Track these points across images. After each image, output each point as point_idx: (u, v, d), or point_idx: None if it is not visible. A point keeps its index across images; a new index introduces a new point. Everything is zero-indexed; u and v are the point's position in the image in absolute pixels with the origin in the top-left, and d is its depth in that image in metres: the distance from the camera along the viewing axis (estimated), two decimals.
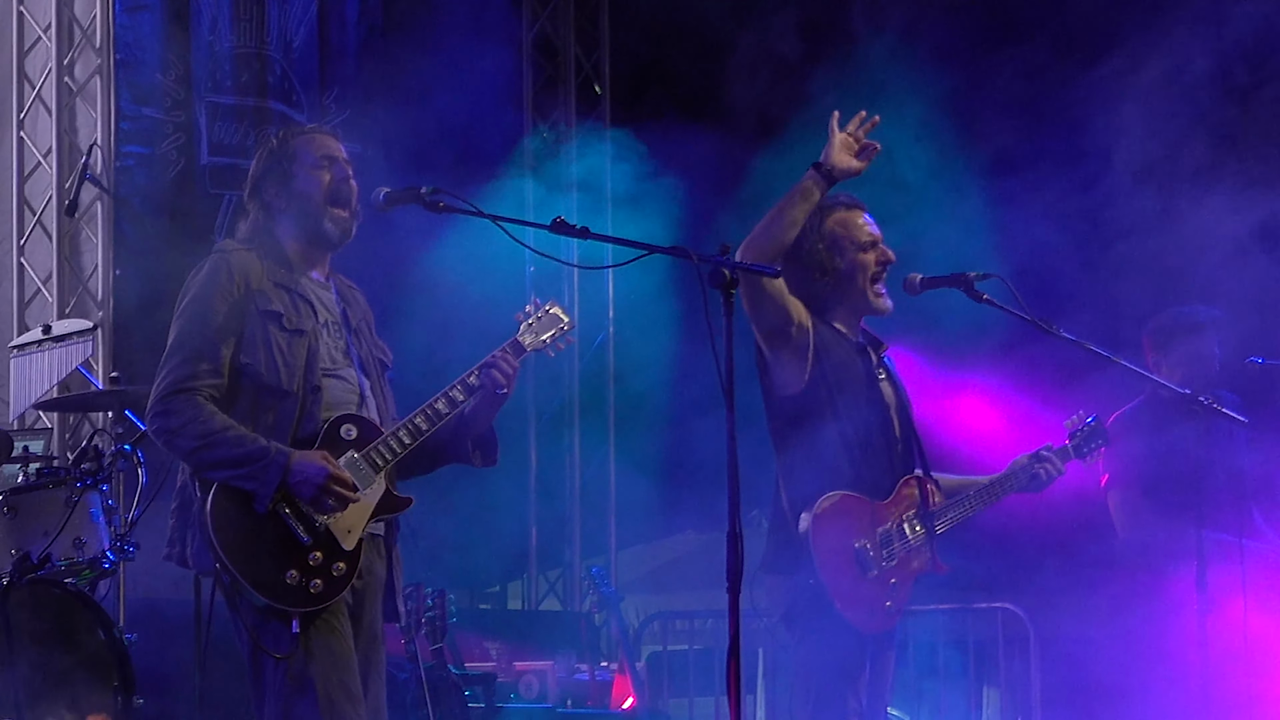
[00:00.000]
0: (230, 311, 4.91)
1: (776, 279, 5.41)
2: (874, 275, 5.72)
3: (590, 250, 10.98)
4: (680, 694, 9.98)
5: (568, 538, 11.71)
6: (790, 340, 5.57)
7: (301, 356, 4.93)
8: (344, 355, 5.06)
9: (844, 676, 5.51)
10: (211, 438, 4.81)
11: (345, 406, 5.00)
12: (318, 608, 4.83)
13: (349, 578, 4.88)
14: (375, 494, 4.96)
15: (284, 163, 5.07)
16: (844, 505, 5.52)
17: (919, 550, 5.60)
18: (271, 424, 4.90)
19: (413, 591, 7.84)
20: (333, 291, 5.14)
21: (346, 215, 5.07)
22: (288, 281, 5.01)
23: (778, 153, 9.87)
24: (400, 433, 5.01)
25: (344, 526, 4.88)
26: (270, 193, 5.08)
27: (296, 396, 4.91)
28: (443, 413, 5.04)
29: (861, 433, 5.60)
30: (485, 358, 5.11)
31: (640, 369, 11.21)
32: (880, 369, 5.75)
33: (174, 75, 9.73)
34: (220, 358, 4.89)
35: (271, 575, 4.79)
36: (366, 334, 5.19)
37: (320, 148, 5.09)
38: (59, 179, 9.46)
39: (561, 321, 5.27)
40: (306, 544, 4.83)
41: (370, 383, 5.10)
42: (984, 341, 7.64)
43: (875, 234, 5.76)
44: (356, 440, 4.96)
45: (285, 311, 4.95)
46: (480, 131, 10.74)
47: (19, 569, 6.77)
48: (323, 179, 5.04)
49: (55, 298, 9.42)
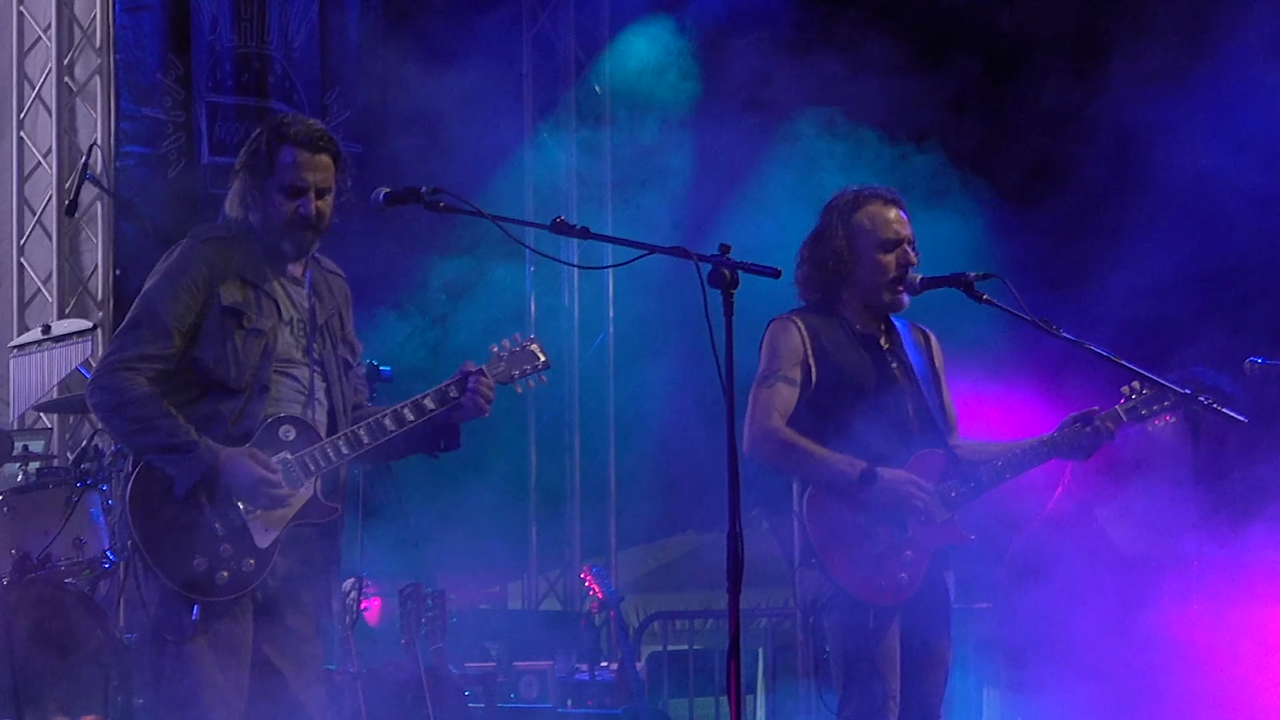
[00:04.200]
0: (191, 301, 4.94)
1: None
2: (893, 278, 5.70)
3: (590, 250, 10.99)
4: (680, 694, 9.99)
5: (568, 538, 11.70)
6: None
7: (255, 355, 4.95)
8: (302, 354, 5.06)
9: (867, 655, 5.48)
10: (146, 422, 4.86)
11: (290, 406, 5.01)
12: (220, 599, 4.87)
13: (257, 575, 4.91)
14: (301, 499, 4.97)
15: (261, 168, 5.05)
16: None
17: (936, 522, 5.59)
18: (210, 416, 4.92)
19: (413, 591, 7.84)
20: (306, 285, 5.13)
21: (309, 236, 5.07)
22: (256, 277, 5.03)
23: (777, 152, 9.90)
24: (340, 442, 5.03)
25: (262, 524, 4.92)
26: (246, 185, 5.09)
27: (243, 394, 4.94)
28: (389, 429, 5.06)
29: (871, 417, 5.60)
30: (461, 378, 5.10)
31: (640, 369, 11.20)
32: (893, 357, 5.74)
33: (174, 75, 9.73)
34: (172, 344, 4.92)
35: (180, 561, 4.84)
36: (336, 328, 5.18)
37: (295, 174, 5.03)
38: (59, 179, 9.45)
39: (537, 360, 5.25)
40: (219, 535, 4.88)
41: (328, 384, 5.10)
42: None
43: (902, 233, 5.72)
44: (293, 443, 4.98)
45: (246, 310, 4.97)
46: (481, 131, 10.74)
47: (19, 569, 6.77)
48: (287, 210, 5.03)
49: (55, 298, 9.42)
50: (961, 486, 5.64)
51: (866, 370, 5.68)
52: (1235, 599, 6.51)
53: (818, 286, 5.75)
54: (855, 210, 5.73)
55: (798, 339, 5.65)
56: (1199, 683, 6.51)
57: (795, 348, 5.65)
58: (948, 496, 5.63)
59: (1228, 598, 6.44)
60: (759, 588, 10.37)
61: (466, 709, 8.13)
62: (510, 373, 5.21)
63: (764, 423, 5.58)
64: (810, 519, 5.55)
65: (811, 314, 5.73)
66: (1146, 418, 5.83)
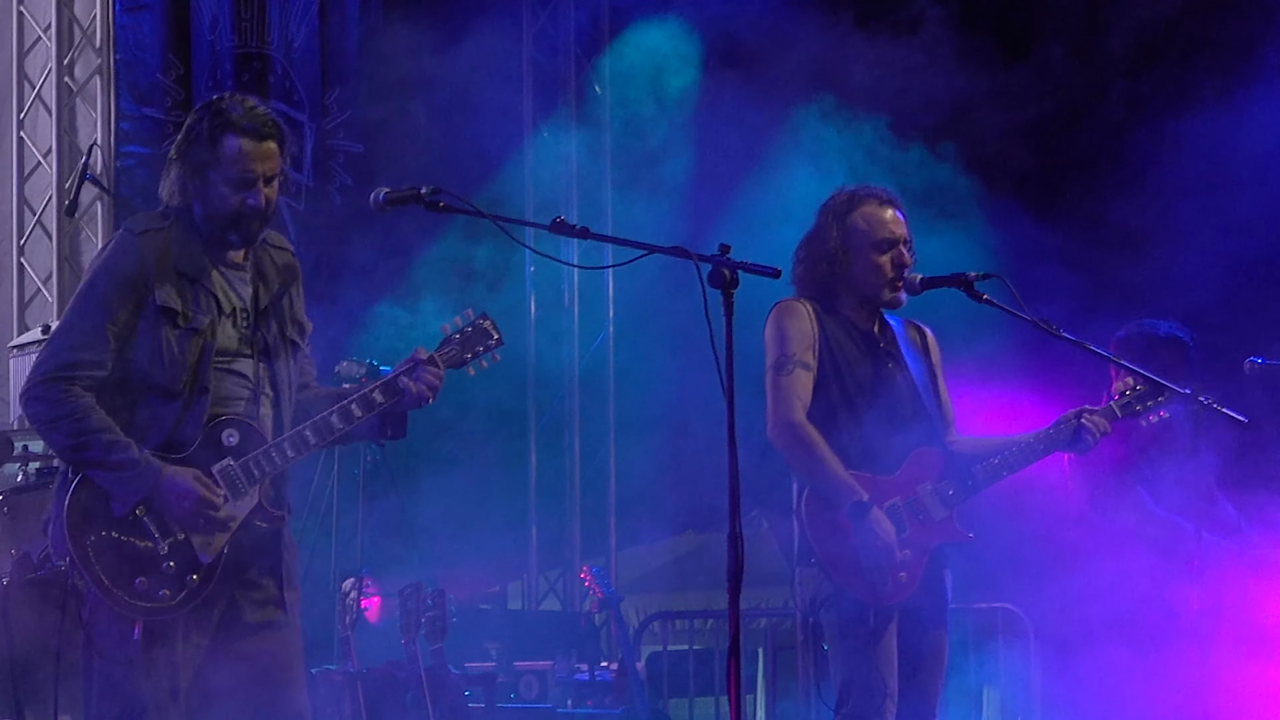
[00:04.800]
0: (124, 302, 4.75)
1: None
2: (889, 279, 5.70)
3: (590, 250, 10.99)
4: (680, 694, 9.98)
5: (568, 538, 11.71)
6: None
7: (193, 356, 4.76)
8: (246, 345, 4.86)
9: (866, 654, 5.48)
10: (85, 437, 4.69)
11: (235, 404, 4.82)
12: (162, 617, 4.70)
13: (202, 590, 4.73)
14: (246, 506, 4.80)
15: (204, 158, 4.82)
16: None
17: (934, 520, 5.60)
18: (150, 422, 4.75)
19: (413, 591, 7.84)
20: (248, 269, 4.92)
21: (257, 226, 4.87)
22: (194, 270, 4.83)
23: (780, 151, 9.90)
24: (285, 444, 4.84)
25: (204, 538, 4.74)
26: (186, 174, 4.87)
27: (182, 397, 4.75)
28: (336, 428, 4.88)
29: (870, 415, 5.60)
30: (409, 367, 4.91)
31: (640, 368, 11.21)
32: (890, 356, 5.74)
33: (174, 75, 9.73)
34: (107, 349, 4.73)
35: (120, 579, 4.68)
36: (285, 310, 4.97)
37: (243, 164, 4.80)
38: (59, 179, 9.46)
39: (490, 338, 5.04)
40: (161, 552, 4.71)
41: (273, 373, 4.90)
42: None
43: (898, 234, 5.71)
44: (236, 447, 4.79)
45: (181, 308, 4.77)
46: (481, 131, 10.74)
47: (19, 569, 6.77)
48: (234, 201, 4.82)
49: (55, 298, 9.42)
50: (959, 485, 5.64)
51: (864, 367, 5.68)
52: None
53: (814, 285, 5.75)
54: (851, 210, 5.72)
55: (807, 322, 5.65)
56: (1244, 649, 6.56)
57: (806, 330, 5.64)
58: (945, 495, 5.63)
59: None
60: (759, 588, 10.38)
61: (466, 709, 8.13)
62: (463, 355, 5.01)
63: (788, 414, 5.57)
64: (809, 518, 5.55)
65: (816, 301, 5.73)
66: (1141, 413, 5.86)
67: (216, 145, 4.80)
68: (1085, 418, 5.73)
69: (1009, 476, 5.73)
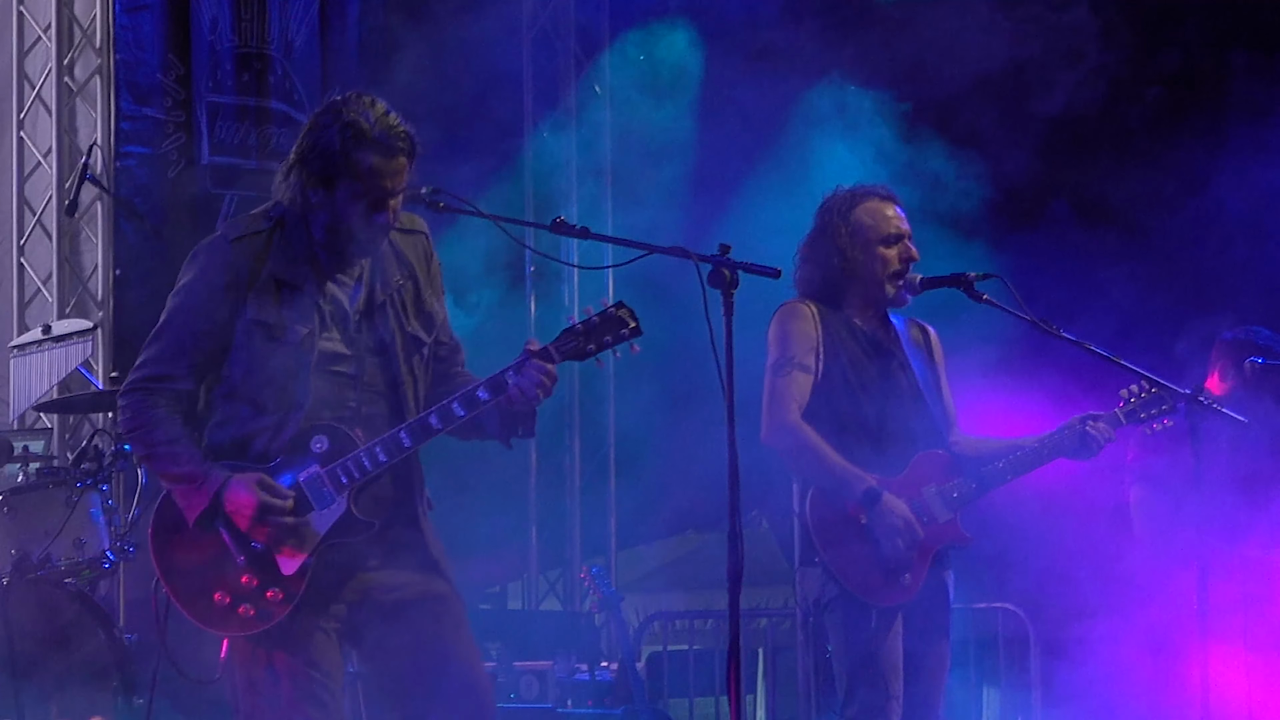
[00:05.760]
0: (214, 313, 4.57)
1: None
2: (895, 272, 5.71)
3: (590, 250, 10.99)
4: (680, 694, 9.98)
5: (568, 538, 11.70)
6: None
7: (287, 368, 4.56)
8: (355, 346, 4.63)
9: (871, 655, 5.49)
10: (156, 449, 4.56)
11: (338, 407, 4.60)
12: (246, 633, 4.52)
13: (285, 606, 4.51)
14: (331, 516, 4.56)
15: (333, 169, 4.57)
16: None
17: (939, 522, 5.60)
18: (241, 435, 4.59)
19: None
20: (363, 268, 4.67)
21: (380, 239, 4.67)
22: (294, 278, 4.60)
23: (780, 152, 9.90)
24: (377, 449, 4.58)
25: (285, 550, 4.54)
26: (309, 180, 4.60)
27: (273, 410, 4.57)
28: (434, 429, 4.60)
29: (875, 418, 5.61)
30: (518, 362, 4.61)
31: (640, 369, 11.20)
32: (894, 356, 5.74)
33: (174, 75, 9.73)
34: (195, 361, 4.57)
35: (200, 594, 4.53)
36: (407, 299, 4.71)
37: (373, 181, 4.55)
38: (59, 179, 9.45)
39: (625, 326, 4.65)
40: (240, 564, 4.53)
41: (391, 366, 4.65)
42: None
43: (902, 228, 5.73)
44: (325, 454, 4.57)
45: (276, 320, 4.57)
46: (481, 131, 10.74)
47: (19, 569, 6.77)
48: (360, 218, 4.58)
49: (55, 298, 9.41)
50: (964, 487, 5.65)
51: (868, 368, 5.69)
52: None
53: (819, 285, 5.75)
54: (854, 207, 5.74)
55: (811, 324, 5.65)
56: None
57: (809, 332, 5.64)
58: (950, 497, 5.63)
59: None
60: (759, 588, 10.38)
61: None
62: (586, 346, 4.63)
63: (783, 415, 5.57)
64: (814, 519, 5.55)
65: (819, 303, 5.73)
66: (1145, 420, 5.84)
67: (348, 159, 4.54)
68: (1090, 425, 5.72)
69: (1013, 481, 5.73)
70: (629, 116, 11.49)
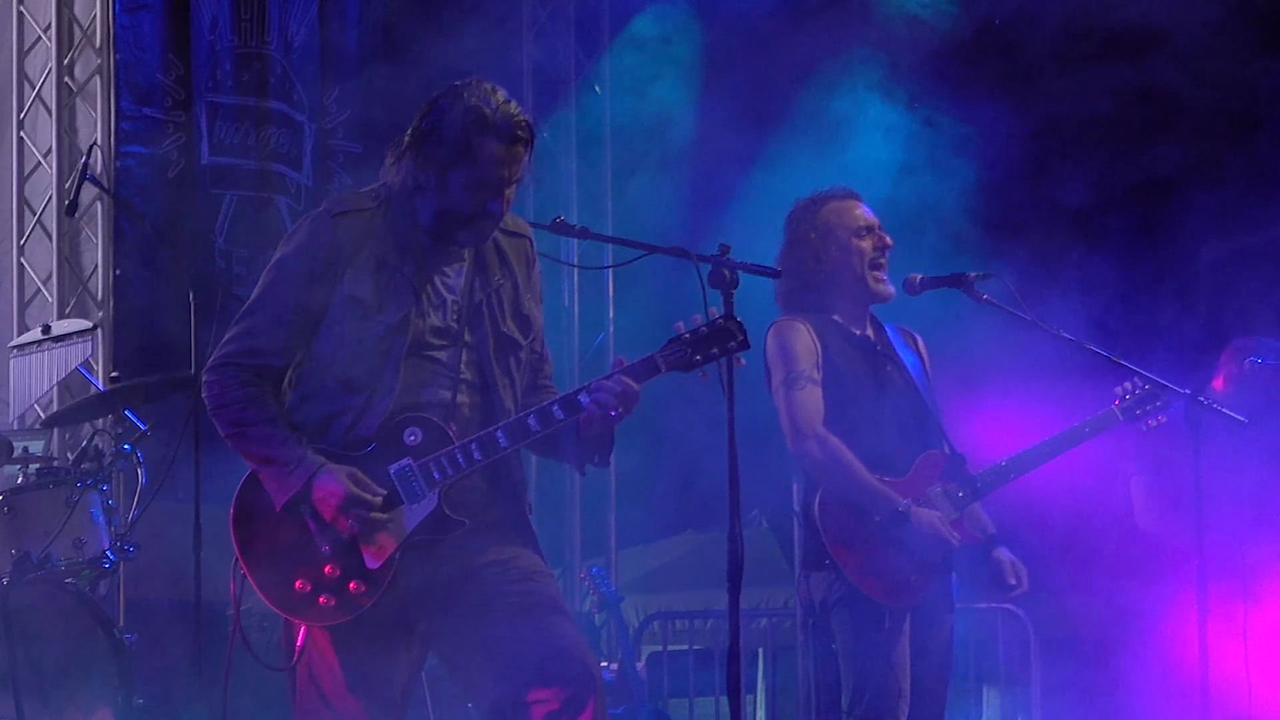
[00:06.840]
0: (311, 288, 4.45)
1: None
2: (872, 260, 5.74)
3: (590, 250, 10.99)
4: (680, 694, 9.98)
5: (568, 538, 11.71)
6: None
7: (380, 350, 4.45)
8: (451, 336, 4.53)
9: (881, 655, 5.51)
10: (244, 427, 4.43)
11: (427, 400, 4.49)
12: (324, 624, 4.42)
13: (368, 599, 4.41)
14: (421, 511, 4.46)
15: (452, 156, 4.47)
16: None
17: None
18: (329, 417, 4.47)
19: None
20: (466, 258, 4.60)
21: (490, 229, 4.61)
22: (396, 259, 4.50)
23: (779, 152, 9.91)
24: (472, 446, 4.46)
25: (372, 543, 4.42)
26: (424, 164, 4.51)
27: (364, 392, 4.44)
28: (532, 429, 4.47)
29: (875, 420, 5.62)
30: (605, 379, 4.56)
31: None
32: (888, 359, 5.75)
33: (174, 75, 9.73)
34: (286, 337, 4.46)
35: (279, 579, 4.41)
36: (506, 299, 4.64)
37: (492, 170, 4.49)
38: (59, 179, 9.45)
39: (733, 339, 4.51)
40: (324, 553, 4.42)
41: (485, 362, 4.56)
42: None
43: (871, 220, 5.78)
44: (418, 447, 4.45)
45: (371, 298, 4.45)
46: None
47: (19, 569, 6.77)
48: (473, 205, 4.51)
49: (55, 298, 9.41)
50: (968, 486, 5.66)
51: (865, 374, 5.70)
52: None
53: (801, 295, 5.77)
54: (819, 210, 5.79)
55: (809, 338, 5.68)
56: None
57: (809, 346, 5.67)
58: (955, 496, 5.65)
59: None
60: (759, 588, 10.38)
61: (467, 709, 8.13)
62: (692, 357, 4.52)
63: (814, 428, 5.60)
64: (824, 522, 5.55)
65: (809, 317, 5.74)
66: (1141, 417, 5.87)
67: (468, 147, 4.46)
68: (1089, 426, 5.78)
69: (1016, 480, 5.76)
70: (629, 116, 11.50)
